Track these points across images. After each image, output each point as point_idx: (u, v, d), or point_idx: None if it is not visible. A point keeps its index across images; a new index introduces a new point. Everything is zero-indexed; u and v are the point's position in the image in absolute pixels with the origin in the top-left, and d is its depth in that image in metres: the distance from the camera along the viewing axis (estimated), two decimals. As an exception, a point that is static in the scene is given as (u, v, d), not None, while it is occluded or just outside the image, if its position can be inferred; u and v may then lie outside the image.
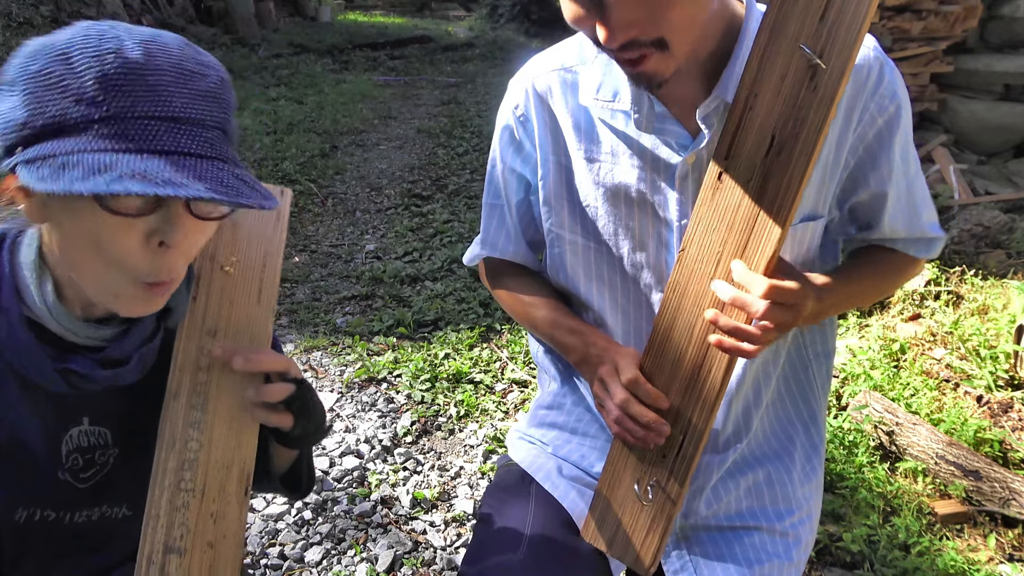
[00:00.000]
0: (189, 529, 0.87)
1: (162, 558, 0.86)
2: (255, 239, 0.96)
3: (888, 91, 1.01)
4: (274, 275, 0.96)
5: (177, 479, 0.88)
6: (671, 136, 1.04)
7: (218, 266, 0.93)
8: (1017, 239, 3.60)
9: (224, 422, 0.90)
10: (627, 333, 1.15)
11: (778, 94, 0.92)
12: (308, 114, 7.02)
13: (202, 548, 0.88)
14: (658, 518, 1.02)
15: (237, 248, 0.95)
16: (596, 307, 1.16)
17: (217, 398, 0.90)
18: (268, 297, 0.95)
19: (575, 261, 1.16)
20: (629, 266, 1.11)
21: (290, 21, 12.35)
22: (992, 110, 4.57)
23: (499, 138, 1.20)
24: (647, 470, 1.04)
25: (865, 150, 1.04)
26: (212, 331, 0.91)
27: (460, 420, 2.65)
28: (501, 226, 1.24)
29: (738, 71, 0.97)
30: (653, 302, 1.11)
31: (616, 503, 1.07)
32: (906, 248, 1.15)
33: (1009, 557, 1.97)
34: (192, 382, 0.90)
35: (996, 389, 2.60)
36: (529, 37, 12.17)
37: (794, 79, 0.91)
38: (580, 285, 1.17)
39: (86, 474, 0.91)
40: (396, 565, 2.01)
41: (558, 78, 1.12)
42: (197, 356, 0.90)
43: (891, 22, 4.27)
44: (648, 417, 0.99)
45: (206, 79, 0.75)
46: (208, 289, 0.92)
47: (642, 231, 1.09)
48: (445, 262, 3.95)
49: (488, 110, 7.47)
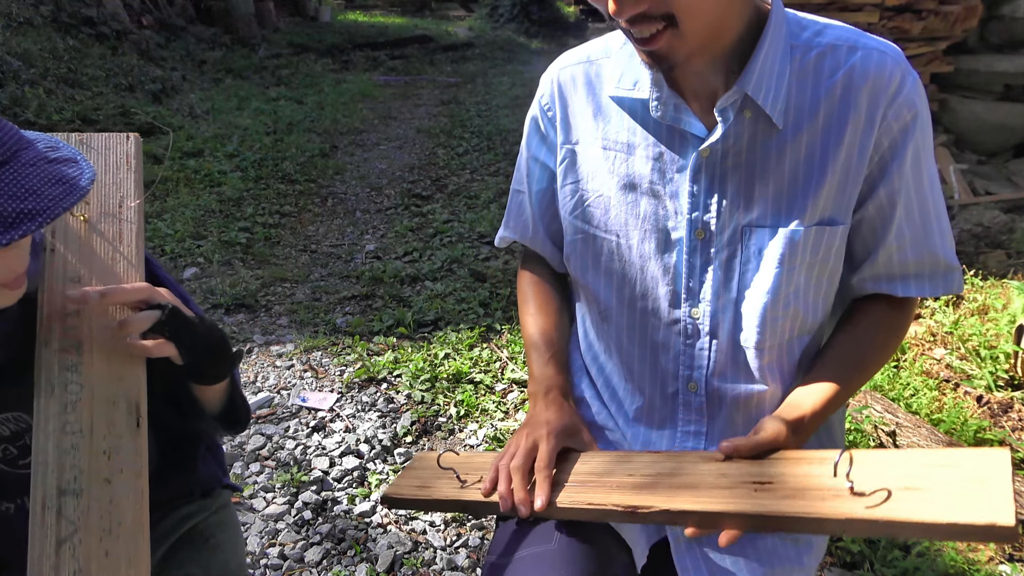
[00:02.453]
0: (82, 470, 0.87)
1: (57, 501, 0.86)
2: (106, 186, 0.99)
3: (907, 100, 1.00)
4: (135, 217, 0.98)
5: (61, 423, 0.88)
6: (688, 128, 1.04)
7: (69, 217, 0.95)
8: (1017, 239, 3.61)
9: (103, 359, 0.91)
10: (632, 327, 1.15)
11: None
12: (308, 114, 7.02)
13: (99, 485, 0.88)
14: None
15: (93, 200, 0.97)
16: (603, 299, 1.17)
17: (90, 337, 0.91)
18: (132, 238, 0.97)
19: (585, 250, 1.17)
20: (637, 257, 1.12)
21: (290, 21, 12.34)
22: (992, 110, 4.57)
23: (527, 128, 1.24)
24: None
25: (879, 159, 1.02)
26: (76, 278, 0.93)
27: (460, 420, 2.65)
28: (521, 213, 1.29)
29: (761, 65, 0.98)
30: (659, 295, 1.11)
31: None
32: (919, 287, 1.08)
33: (1009, 557, 1.97)
34: (61, 327, 0.91)
35: (996, 389, 2.60)
36: (529, 37, 12.17)
37: None
38: (589, 276, 1.18)
39: (24, 460, 0.91)
40: (396, 565, 2.01)
41: (582, 70, 1.15)
42: (63, 303, 0.92)
43: (891, 22, 4.27)
44: (517, 497, 1.01)
45: None
46: (65, 239, 0.94)
47: (653, 222, 1.09)
48: (445, 262, 3.95)
49: (488, 110, 7.48)
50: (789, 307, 1.06)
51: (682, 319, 1.10)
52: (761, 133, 1.02)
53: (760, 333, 1.06)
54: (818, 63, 1.01)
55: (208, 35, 9.99)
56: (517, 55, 11.02)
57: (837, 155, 1.01)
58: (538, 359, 1.21)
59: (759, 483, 0.90)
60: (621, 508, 0.94)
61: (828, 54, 1.01)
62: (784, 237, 1.03)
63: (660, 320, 1.12)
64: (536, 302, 1.28)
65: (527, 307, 1.28)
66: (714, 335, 1.09)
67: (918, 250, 1.07)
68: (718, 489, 0.92)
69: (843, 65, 1.00)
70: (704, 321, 1.09)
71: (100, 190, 0.98)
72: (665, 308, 1.11)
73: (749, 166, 1.03)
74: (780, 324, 1.06)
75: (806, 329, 1.10)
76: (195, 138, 5.92)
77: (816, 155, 1.01)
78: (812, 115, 1.01)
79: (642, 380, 1.17)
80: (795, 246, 1.02)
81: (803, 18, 1.05)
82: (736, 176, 1.04)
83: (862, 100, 0.99)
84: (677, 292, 1.10)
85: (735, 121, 1.01)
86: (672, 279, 1.10)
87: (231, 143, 5.87)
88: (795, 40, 1.02)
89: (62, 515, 0.85)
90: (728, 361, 1.09)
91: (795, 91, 1.01)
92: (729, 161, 1.04)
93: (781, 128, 1.01)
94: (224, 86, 8.06)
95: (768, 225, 1.04)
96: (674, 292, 1.10)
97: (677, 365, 1.12)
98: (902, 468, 0.86)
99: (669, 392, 1.14)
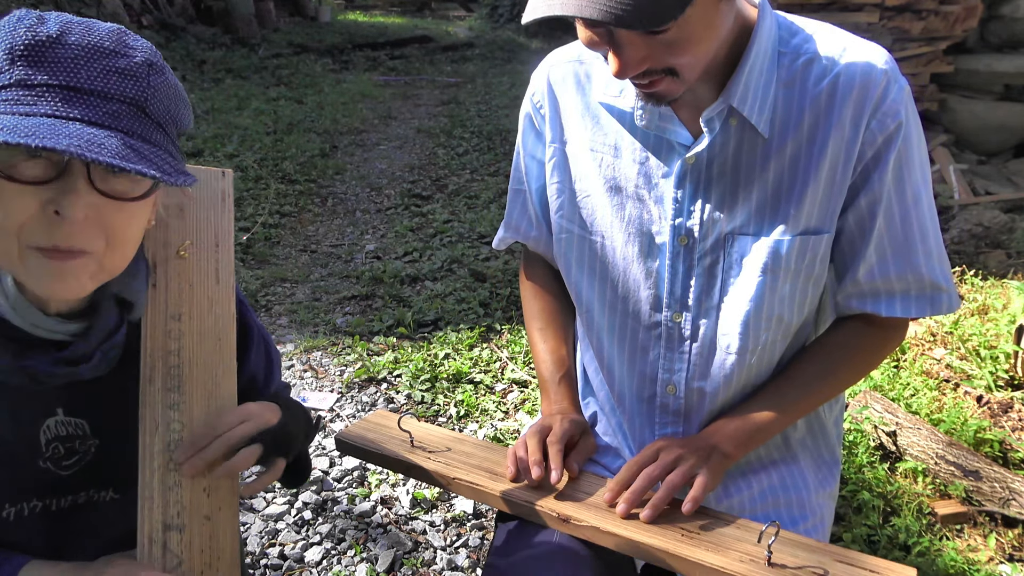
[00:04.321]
0: (184, 506, 0.90)
1: (163, 536, 0.88)
2: (204, 223, 1.00)
3: (891, 109, 0.98)
4: (228, 255, 1.00)
5: (165, 459, 0.90)
6: (673, 136, 1.04)
7: (173, 253, 0.97)
8: (1017, 239, 3.61)
9: (201, 401, 0.93)
10: (612, 328, 1.16)
11: None
12: (308, 114, 7.02)
13: (200, 521, 0.90)
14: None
15: (187, 234, 0.98)
16: (585, 299, 1.18)
17: (191, 379, 0.93)
18: (226, 276, 0.99)
19: (569, 250, 1.18)
20: (621, 259, 1.12)
21: (290, 21, 12.34)
22: (992, 110, 4.57)
23: (521, 125, 1.24)
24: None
25: (863, 168, 1.01)
26: (176, 315, 0.95)
27: (460, 420, 2.65)
28: (524, 211, 1.28)
29: (746, 77, 0.98)
30: (641, 298, 1.11)
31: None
32: (904, 307, 1.05)
33: (1009, 557, 1.97)
34: (165, 366, 0.93)
35: (996, 389, 2.60)
36: (529, 37, 12.17)
37: None
38: (572, 275, 1.19)
39: (68, 462, 0.93)
40: (396, 565, 2.01)
41: (572, 69, 1.15)
42: (165, 340, 0.93)
43: (891, 22, 4.27)
44: (533, 458, 1.04)
45: (127, 59, 0.77)
46: (166, 275, 0.96)
47: (637, 225, 1.10)
48: (445, 262, 3.95)
49: (488, 110, 7.48)
50: (773, 314, 1.05)
51: (663, 323, 1.10)
52: (747, 142, 1.02)
53: (743, 338, 1.06)
54: (805, 70, 1.01)
55: (208, 35, 9.99)
56: (517, 55, 11.02)
57: (822, 164, 1.00)
58: (551, 380, 1.22)
59: (686, 531, 0.98)
60: (556, 515, 1.02)
61: (815, 61, 1.00)
62: (769, 247, 1.02)
63: (640, 323, 1.12)
64: (544, 318, 1.27)
65: (534, 322, 1.28)
66: (695, 339, 1.09)
67: (900, 266, 1.04)
68: (649, 525, 0.99)
69: (829, 73, 0.99)
70: (686, 326, 1.09)
71: (198, 226, 1.00)
72: (647, 311, 1.11)
73: (734, 174, 1.03)
74: (763, 329, 1.06)
75: (790, 332, 1.10)
76: (195, 138, 5.92)
77: (800, 164, 1.01)
78: (798, 124, 1.00)
79: (621, 382, 1.17)
80: (779, 256, 1.02)
81: (793, 23, 1.05)
82: (721, 184, 1.04)
83: (847, 109, 0.98)
84: (659, 296, 1.10)
85: (721, 129, 1.01)
86: (655, 283, 1.10)
87: (231, 143, 5.86)
88: (784, 47, 1.02)
89: (167, 549, 0.88)
90: (708, 365, 1.10)
91: (781, 100, 1.01)
92: (714, 169, 1.04)
93: (767, 137, 1.01)
94: (224, 86, 8.06)
95: (751, 233, 1.04)
96: (656, 296, 1.10)
97: (656, 368, 1.13)
98: (818, 559, 0.92)
99: (647, 394, 1.15)
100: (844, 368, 1.11)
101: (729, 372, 1.08)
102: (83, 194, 0.74)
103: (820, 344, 1.13)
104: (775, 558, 0.91)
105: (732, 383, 1.09)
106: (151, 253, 0.95)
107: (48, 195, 0.74)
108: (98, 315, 0.86)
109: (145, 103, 0.78)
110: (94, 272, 0.80)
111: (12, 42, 0.72)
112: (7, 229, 0.75)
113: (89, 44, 0.74)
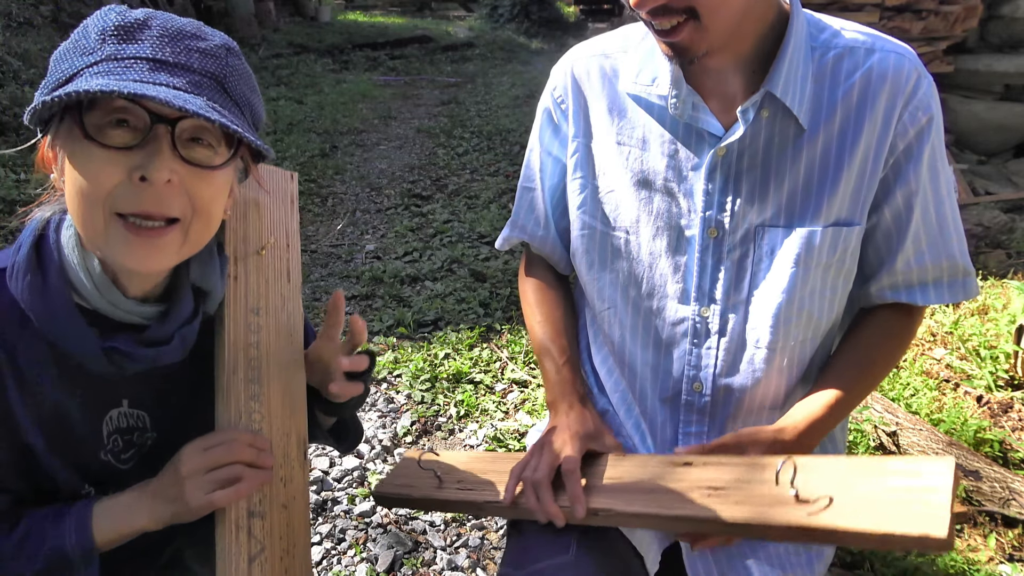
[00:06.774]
0: (265, 495, 0.93)
1: (247, 522, 0.91)
2: (277, 224, 1.03)
3: (922, 103, 1.00)
4: (297, 255, 1.04)
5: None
6: (705, 127, 1.04)
7: (253, 250, 1.00)
8: (1017, 239, 3.61)
9: (278, 393, 0.96)
10: (635, 326, 1.14)
11: None
12: (308, 114, 7.02)
13: (278, 510, 0.94)
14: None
15: (264, 232, 1.02)
16: (608, 297, 1.16)
17: (268, 371, 0.96)
18: (296, 276, 1.03)
19: (591, 247, 1.16)
20: (647, 254, 1.11)
21: (290, 21, 12.33)
22: (992, 110, 4.57)
23: (538, 121, 1.22)
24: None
25: (894, 161, 1.02)
26: (255, 309, 0.98)
27: (460, 420, 2.65)
28: (532, 210, 1.26)
29: (787, 66, 0.98)
30: (667, 293, 1.10)
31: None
32: (938, 295, 1.07)
33: (1009, 557, 1.97)
34: (246, 357, 0.95)
35: (996, 389, 2.60)
36: (529, 37, 12.16)
37: None
38: (594, 272, 1.17)
39: (126, 455, 0.96)
40: (396, 565, 2.00)
41: (597, 64, 1.14)
42: (246, 333, 0.96)
43: (891, 22, 4.27)
44: (549, 511, 1.01)
45: (206, 41, 0.81)
46: (246, 270, 0.98)
47: (665, 219, 1.09)
48: (445, 262, 3.94)
49: (488, 110, 7.47)
50: (803, 308, 1.05)
51: (690, 318, 1.09)
52: (779, 134, 1.02)
53: (773, 332, 1.05)
54: (836, 65, 1.01)
55: (208, 35, 9.98)
56: (517, 55, 11.01)
57: (853, 156, 1.01)
58: (551, 366, 1.19)
59: (712, 488, 0.93)
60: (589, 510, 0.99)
61: (846, 56, 1.01)
62: (801, 237, 1.02)
63: (666, 319, 1.11)
64: (543, 310, 1.26)
65: (534, 316, 1.26)
66: (723, 334, 1.08)
67: (936, 254, 1.06)
68: (675, 493, 0.95)
69: (860, 67, 1.00)
70: (713, 320, 1.08)
71: (272, 224, 1.03)
72: (673, 307, 1.10)
73: (765, 166, 1.03)
74: (793, 324, 1.06)
75: (819, 332, 1.09)
76: (195, 138, 5.92)
77: (832, 156, 1.01)
78: (829, 117, 1.01)
79: (643, 381, 1.16)
80: (812, 247, 1.02)
81: (821, 20, 1.05)
82: (751, 176, 1.04)
83: (879, 102, 0.99)
84: (687, 290, 1.09)
85: (753, 121, 1.01)
86: (682, 277, 1.09)
87: (231, 143, 5.86)
88: (814, 42, 1.03)
89: (251, 535, 0.91)
90: (736, 361, 1.09)
91: (813, 93, 1.01)
92: (745, 161, 1.04)
93: (807, 128, 1.01)
94: (224, 86, 8.06)
95: (781, 225, 1.04)
96: (684, 290, 1.09)
97: (682, 365, 1.11)
98: (846, 475, 0.87)
99: (671, 393, 1.13)
100: (880, 359, 1.11)
101: (758, 368, 1.07)
102: (167, 159, 0.77)
103: (853, 336, 1.12)
104: (803, 493, 0.85)
105: (760, 381, 1.08)
106: (231, 247, 0.98)
107: (135, 161, 0.77)
108: (176, 299, 0.89)
109: (224, 79, 0.82)
110: (179, 244, 0.82)
111: (103, 25, 0.78)
112: (95, 197, 0.77)
113: (173, 27, 0.80)
